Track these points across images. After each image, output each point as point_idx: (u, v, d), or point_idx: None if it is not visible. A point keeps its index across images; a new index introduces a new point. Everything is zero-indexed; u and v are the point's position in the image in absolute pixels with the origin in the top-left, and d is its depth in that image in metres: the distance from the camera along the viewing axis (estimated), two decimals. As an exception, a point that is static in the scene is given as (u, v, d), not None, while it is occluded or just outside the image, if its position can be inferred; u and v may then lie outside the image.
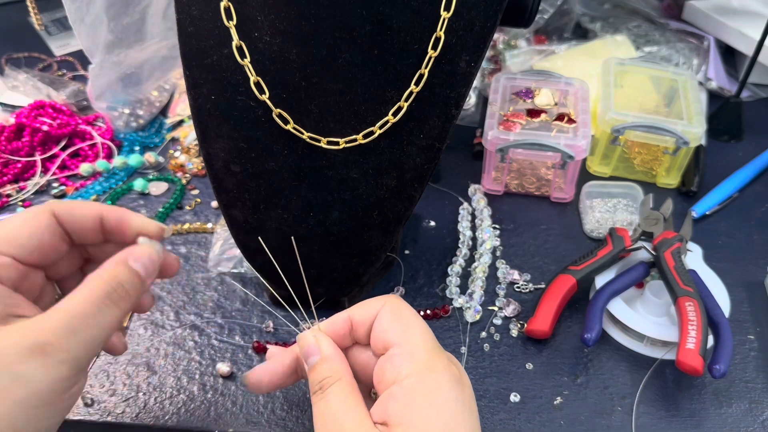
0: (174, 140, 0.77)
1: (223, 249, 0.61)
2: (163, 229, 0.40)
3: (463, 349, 0.55)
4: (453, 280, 0.59)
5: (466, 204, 0.67)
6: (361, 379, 0.40)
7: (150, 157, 0.72)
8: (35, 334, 0.32)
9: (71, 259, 0.40)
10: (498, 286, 0.60)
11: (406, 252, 0.63)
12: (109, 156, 0.74)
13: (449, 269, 0.60)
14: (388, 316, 0.38)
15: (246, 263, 0.57)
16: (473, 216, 0.66)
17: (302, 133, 0.48)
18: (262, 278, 0.58)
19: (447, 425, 0.34)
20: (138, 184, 0.69)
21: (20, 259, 0.36)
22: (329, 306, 0.55)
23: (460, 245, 0.63)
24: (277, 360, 0.43)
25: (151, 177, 0.71)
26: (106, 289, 0.34)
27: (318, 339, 0.39)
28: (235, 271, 0.60)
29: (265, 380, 0.42)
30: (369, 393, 0.41)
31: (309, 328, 0.40)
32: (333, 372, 0.38)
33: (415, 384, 0.35)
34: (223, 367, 0.52)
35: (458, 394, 0.35)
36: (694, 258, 0.59)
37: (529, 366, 0.54)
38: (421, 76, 0.46)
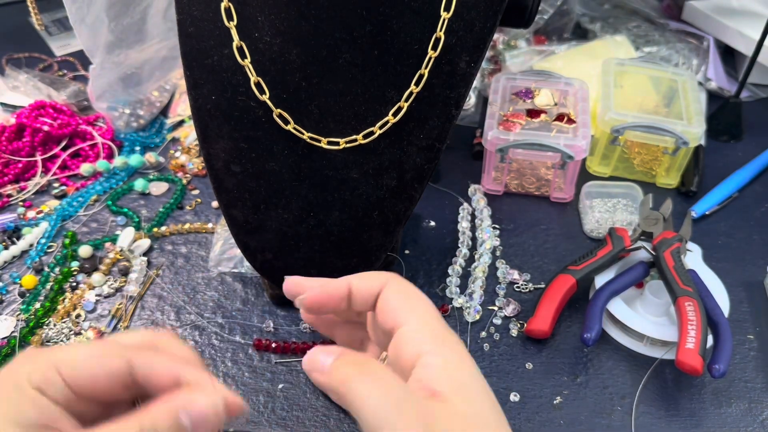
0: (174, 140, 0.77)
1: (223, 249, 0.61)
2: (241, 407, 0.34)
3: (463, 349, 0.55)
4: (453, 280, 0.59)
5: (466, 204, 0.67)
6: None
7: (150, 157, 0.72)
8: None
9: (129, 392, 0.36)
10: (498, 285, 0.60)
11: (406, 252, 0.63)
12: (109, 156, 0.74)
13: (449, 269, 0.60)
14: (395, 294, 0.39)
15: (246, 263, 0.57)
16: (473, 216, 0.66)
17: (302, 134, 0.48)
18: (262, 278, 0.58)
19: (485, 389, 0.36)
20: (138, 184, 0.69)
21: (71, 388, 0.33)
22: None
23: (459, 245, 0.63)
24: (332, 285, 0.41)
25: (151, 177, 0.71)
26: None
27: (327, 348, 0.38)
28: (235, 270, 0.60)
29: (323, 300, 0.41)
30: None
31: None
32: (357, 356, 0.37)
33: (447, 355, 0.36)
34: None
35: (475, 363, 0.37)
36: (693, 258, 0.59)
37: (529, 366, 0.54)
38: (421, 76, 0.46)
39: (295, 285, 0.42)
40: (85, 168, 0.70)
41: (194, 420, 0.31)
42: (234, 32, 0.46)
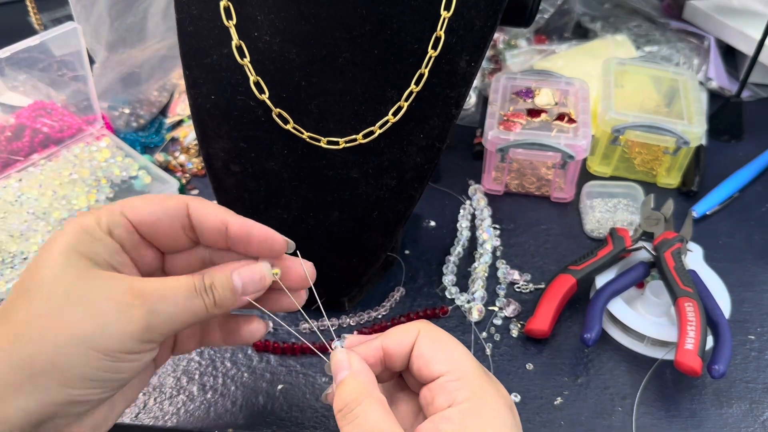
0: (174, 140, 0.77)
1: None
2: (287, 242, 0.39)
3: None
4: (449, 278, 0.59)
5: (466, 204, 0.67)
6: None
7: (159, 156, 0.73)
8: (131, 282, 0.34)
9: (192, 258, 0.41)
10: (498, 286, 0.60)
11: (406, 252, 0.63)
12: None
13: (444, 268, 0.60)
14: (429, 344, 0.38)
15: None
16: (473, 216, 0.66)
17: (302, 133, 0.48)
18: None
19: None
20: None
21: (135, 226, 0.37)
22: (329, 306, 0.55)
23: (455, 243, 0.63)
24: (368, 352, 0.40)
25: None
26: (200, 285, 0.36)
27: (349, 355, 0.38)
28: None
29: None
30: None
31: (336, 340, 0.39)
32: (363, 388, 0.36)
33: (473, 407, 0.35)
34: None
35: (512, 420, 0.36)
36: (694, 258, 0.59)
37: (530, 366, 0.54)
38: (422, 75, 0.46)
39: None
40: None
41: (244, 281, 0.37)
42: (233, 31, 0.46)
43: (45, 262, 0.34)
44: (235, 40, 0.46)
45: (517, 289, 0.60)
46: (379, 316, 0.57)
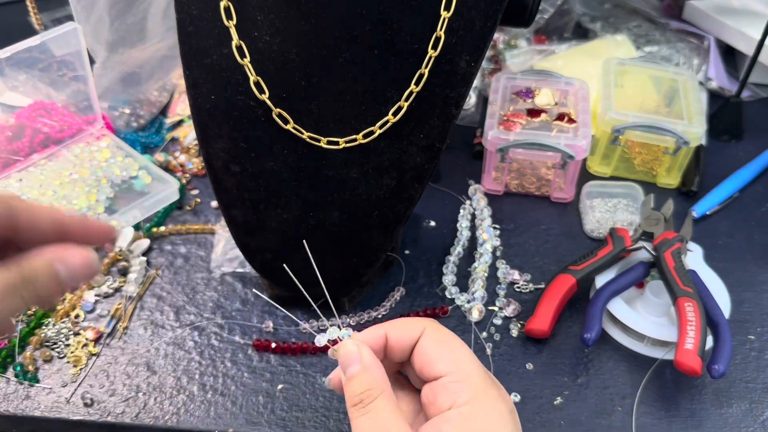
0: (174, 140, 0.77)
1: (225, 249, 0.61)
2: (113, 229, 0.37)
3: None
4: (449, 278, 0.59)
5: (466, 204, 0.67)
6: None
7: (159, 156, 0.73)
8: None
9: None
10: (498, 286, 0.60)
11: (406, 252, 0.63)
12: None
13: (444, 268, 0.60)
14: (434, 343, 0.38)
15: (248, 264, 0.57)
16: (473, 216, 0.66)
17: (302, 133, 0.48)
18: (262, 278, 0.58)
19: None
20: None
21: None
22: (329, 306, 0.55)
23: (455, 243, 0.63)
24: (369, 337, 0.40)
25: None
26: (16, 281, 0.32)
27: (360, 348, 0.37)
28: (239, 270, 0.60)
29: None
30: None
31: (333, 329, 0.39)
32: (376, 384, 0.36)
33: (473, 410, 0.35)
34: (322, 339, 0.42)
35: (512, 424, 0.36)
36: (694, 258, 0.59)
37: (530, 366, 0.54)
38: (422, 75, 0.46)
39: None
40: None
41: (67, 271, 0.33)
42: (233, 31, 0.46)
43: None
44: (235, 40, 0.46)
45: (517, 289, 0.60)
46: (379, 316, 0.57)
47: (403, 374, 0.42)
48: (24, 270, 0.32)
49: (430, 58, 0.45)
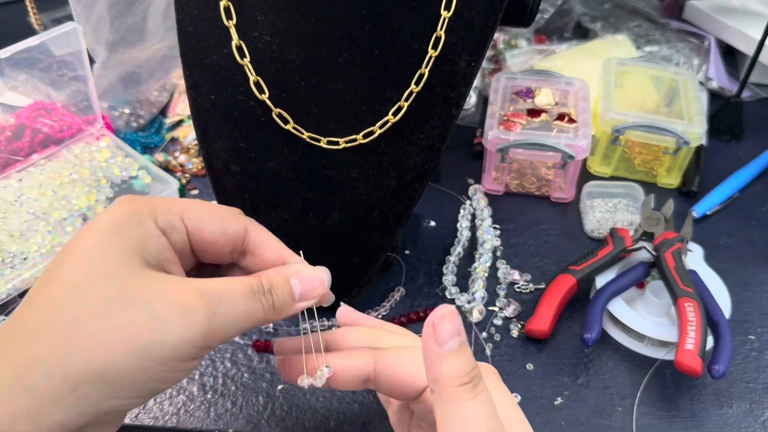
0: (174, 140, 0.77)
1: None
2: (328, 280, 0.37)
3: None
4: (449, 278, 0.59)
5: (466, 204, 0.67)
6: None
7: (159, 156, 0.73)
8: (191, 282, 0.31)
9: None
10: (498, 286, 0.60)
11: (406, 252, 0.63)
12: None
13: (444, 268, 0.60)
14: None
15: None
16: (473, 216, 0.66)
17: (302, 133, 0.48)
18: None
19: None
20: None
21: (190, 238, 0.35)
22: (329, 307, 0.55)
23: (455, 243, 0.63)
24: (359, 359, 0.38)
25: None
26: (258, 287, 0.33)
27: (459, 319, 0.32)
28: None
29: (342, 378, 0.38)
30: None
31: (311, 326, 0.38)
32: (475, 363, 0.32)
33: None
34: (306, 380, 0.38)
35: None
36: (694, 258, 0.59)
37: (530, 366, 0.54)
38: (422, 75, 0.46)
39: (347, 315, 0.42)
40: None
41: (303, 287, 0.36)
42: (233, 31, 0.46)
43: (87, 255, 0.30)
44: (235, 40, 0.46)
45: (517, 289, 0.60)
46: (379, 316, 0.57)
47: None
48: (264, 280, 0.34)
49: (430, 58, 0.45)
